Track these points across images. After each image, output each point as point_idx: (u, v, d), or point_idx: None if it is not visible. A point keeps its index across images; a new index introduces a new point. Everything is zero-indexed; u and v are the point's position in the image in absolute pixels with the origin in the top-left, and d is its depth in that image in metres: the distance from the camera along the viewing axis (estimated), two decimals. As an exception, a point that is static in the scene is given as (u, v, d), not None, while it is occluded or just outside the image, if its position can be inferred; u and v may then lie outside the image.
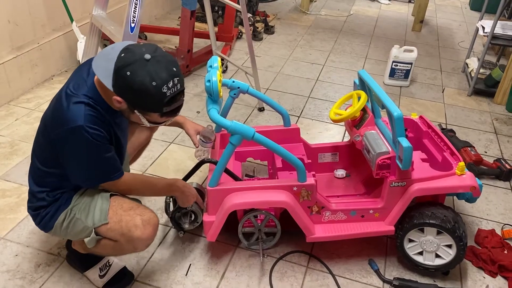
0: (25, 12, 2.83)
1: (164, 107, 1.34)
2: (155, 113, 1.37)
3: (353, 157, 2.16)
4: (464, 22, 4.98)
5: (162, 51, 1.34)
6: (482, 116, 3.07)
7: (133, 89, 1.29)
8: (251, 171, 2.28)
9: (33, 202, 1.56)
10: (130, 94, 1.31)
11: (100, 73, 1.34)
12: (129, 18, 2.22)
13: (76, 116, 1.34)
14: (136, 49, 1.30)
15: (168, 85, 1.30)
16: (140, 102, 1.34)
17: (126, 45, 1.34)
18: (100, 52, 1.40)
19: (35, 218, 1.56)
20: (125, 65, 1.28)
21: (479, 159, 2.43)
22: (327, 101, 3.13)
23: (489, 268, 1.85)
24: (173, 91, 1.32)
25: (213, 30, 3.17)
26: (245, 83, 1.97)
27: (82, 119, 1.33)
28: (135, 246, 1.50)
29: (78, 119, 1.33)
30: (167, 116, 1.40)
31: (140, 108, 1.37)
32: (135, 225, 1.45)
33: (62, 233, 1.55)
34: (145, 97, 1.31)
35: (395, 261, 1.87)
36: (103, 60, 1.35)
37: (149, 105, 1.34)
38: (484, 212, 2.18)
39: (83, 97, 1.37)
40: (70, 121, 1.34)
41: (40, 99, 2.88)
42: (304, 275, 1.80)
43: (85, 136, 1.34)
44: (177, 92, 1.35)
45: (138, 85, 1.28)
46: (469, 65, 3.59)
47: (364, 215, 1.79)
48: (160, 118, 1.39)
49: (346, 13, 5.00)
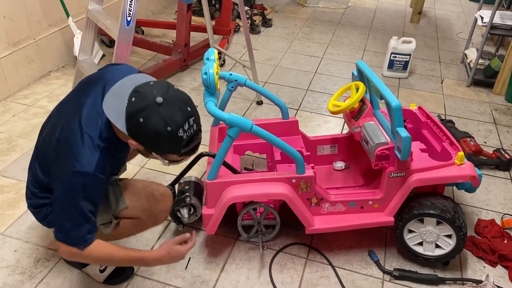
0: (20, 7, 2.81)
1: (182, 149, 1.29)
2: (173, 154, 1.32)
3: (352, 149, 2.15)
4: (463, 13, 4.96)
5: (174, 89, 1.29)
6: (481, 106, 3.06)
7: (148, 135, 1.25)
8: (250, 164, 2.28)
9: (33, 200, 1.53)
10: (145, 139, 1.27)
11: (112, 116, 1.28)
12: (125, 11, 2.20)
13: (89, 162, 1.28)
14: (147, 91, 1.24)
15: (184, 128, 1.25)
16: (157, 147, 1.30)
17: (136, 85, 1.27)
18: (110, 90, 1.33)
19: (37, 215, 1.55)
20: (137, 111, 1.22)
21: (479, 149, 2.42)
22: (326, 93, 3.12)
23: (489, 258, 1.85)
24: (189, 133, 1.27)
25: (210, 24, 3.15)
26: (242, 76, 1.95)
27: (94, 167, 1.28)
28: (157, 219, 1.58)
29: (89, 166, 1.28)
30: (186, 155, 1.34)
31: (157, 152, 1.32)
32: (156, 199, 1.54)
33: None
34: (161, 142, 1.27)
35: (395, 252, 1.87)
36: (114, 100, 1.30)
37: (166, 149, 1.30)
38: (484, 202, 2.18)
39: (98, 140, 1.31)
40: (82, 165, 1.28)
41: (37, 95, 2.86)
42: (304, 267, 1.80)
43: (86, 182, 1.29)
44: (194, 133, 1.29)
45: (153, 132, 1.23)
46: (468, 55, 3.57)
47: (363, 206, 1.78)
48: (179, 157, 1.34)
49: (344, 5, 4.98)
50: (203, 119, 1.97)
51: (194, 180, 1.89)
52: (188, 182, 1.87)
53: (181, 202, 1.78)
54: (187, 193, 1.78)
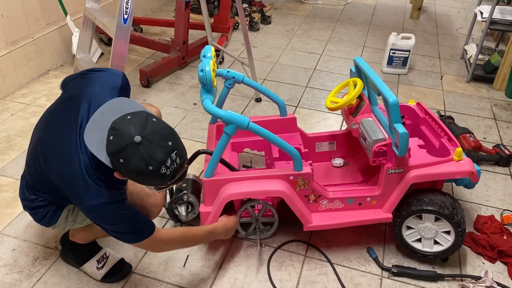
0: (18, 6, 2.81)
1: (167, 182, 1.26)
2: (159, 186, 1.31)
3: (351, 146, 2.15)
4: (463, 8, 4.94)
5: (153, 122, 1.22)
6: (481, 102, 3.04)
7: (131, 174, 1.23)
8: (249, 162, 2.27)
9: (28, 202, 1.51)
10: (129, 176, 1.25)
11: (95, 150, 1.23)
12: (121, 9, 2.20)
13: (99, 195, 1.30)
14: (124, 128, 1.19)
15: (166, 165, 1.20)
16: (142, 182, 1.28)
17: (115, 117, 1.23)
18: (90, 120, 1.29)
19: (34, 216, 1.54)
20: (116, 152, 1.19)
21: (478, 145, 2.41)
22: (325, 90, 3.11)
23: (488, 254, 1.85)
24: (172, 168, 1.22)
25: (208, 21, 3.14)
26: (240, 73, 1.95)
27: (105, 199, 1.31)
28: (150, 214, 1.57)
29: (101, 199, 1.30)
30: (173, 184, 1.31)
31: (143, 183, 1.30)
32: (147, 195, 1.54)
33: (68, 225, 1.55)
34: (145, 179, 1.24)
35: (393, 249, 1.87)
36: (94, 133, 1.25)
37: (152, 183, 1.28)
38: (483, 198, 2.17)
39: (97, 176, 1.30)
40: (94, 199, 1.30)
41: (36, 94, 2.86)
42: (302, 264, 1.79)
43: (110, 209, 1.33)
44: (178, 167, 1.24)
45: (135, 171, 1.20)
46: (468, 51, 3.55)
47: (361, 203, 1.78)
48: (167, 185, 1.30)
49: (344, 1, 4.96)
50: (201, 116, 1.96)
51: (192, 178, 1.89)
52: (186, 179, 1.87)
53: (179, 199, 1.78)
54: (185, 191, 1.78)
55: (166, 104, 2.82)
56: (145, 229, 1.41)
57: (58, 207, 1.49)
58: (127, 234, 1.39)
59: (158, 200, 1.63)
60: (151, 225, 1.43)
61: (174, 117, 2.70)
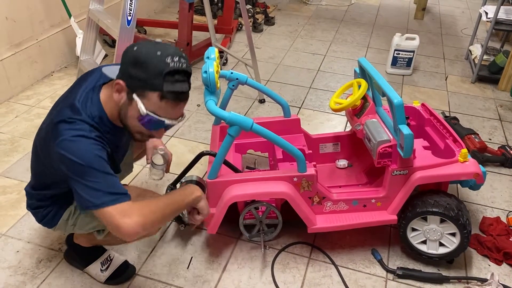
0: (22, 8, 2.82)
1: (165, 83, 1.22)
2: (154, 93, 1.23)
3: (355, 147, 2.14)
4: (467, 9, 4.92)
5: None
6: (486, 103, 3.03)
7: (137, 61, 1.22)
8: (252, 163, 2.26)
9: (31, 200, 1.53)
10: (133, 67, 1.23)
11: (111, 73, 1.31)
12: (125, 11, 2.19)
13: (83, 153, 1.23)
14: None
15: (173, 58, 1.23)
16: (141, 75, 1.22)
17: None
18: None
19: (36, 215, 1.55)
20: (133, 45, 1.26)
21: (483, 146, 2.40)
22: (329, 91, 3.10)
23: (494, 256, 1.83)
24: (177, 65, 1.23)
25: (212, 23, 3.14)
26: (243, 74, 1.94)
27: (90, 155, 1.23)
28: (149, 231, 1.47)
29: (85, 156, 1.23)
30: (167, 100, 1.25)
31: (139, 87, 1.24)
32: None
33: (68, 229, 1.54)
34: (146, 67, 1.22)
35: (398, 251, 1.85)
36: (114, 66, 1.35)
37: (150, 77, 1.22)
38: (489, 200, 2.15)
39: (86, 117, 1.27)
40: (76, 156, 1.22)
41: (40, 96, 2.87)
42: (307, 266, 1.78)
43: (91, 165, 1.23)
44: (181, 68, 1.24)
45: (143, 55, 1.22)
46: (473, 52, 3.54)
47: (366, 205, 1.77)
48: (159, 101, 1.24)
49: (347, 2, 4.95)
50: (205, 117, 1.96)
51: (196, 179, 1.88)
52: (189, 181, 1.86)
53: (183, 201, 1.77)
54: (188, 193, 1.77)
55: (169, 106, 2.82)
56: (121, 191, 1.26)
57: (59, 208, 1.50)
58: (100, 191, 1.22)
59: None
60: (127, 192, 1.27)
61: (178, 119, 2.69)
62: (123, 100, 1.29)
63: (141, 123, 1.30)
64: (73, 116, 1.26)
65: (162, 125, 1.31)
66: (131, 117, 1.30)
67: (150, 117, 1.27)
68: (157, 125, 1.30)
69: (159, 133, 1.37)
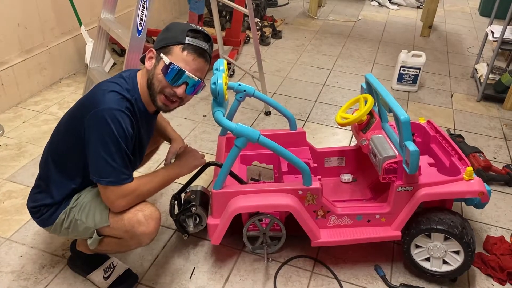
0: (34, 15, 2.86)
1: (187, 37, 1.43)
2: (177, 46, 1.44)
3: (360, 162, 2.14)
4: (474, 27, 4.95)
5: None
6: (491, 121, 3.03)
7: (166, 28, 1.51)
8: (257, 175, 2.27)
9: (31, 198, 1.58)
10: (162, 33, 1.50)
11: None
12: (136, 21, 2.22)
13: (121, 127, 1.40)
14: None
15: (196, 27, 1.48)
16: (168, 35, 1.47)
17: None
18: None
19: (34, 214, 1.57)
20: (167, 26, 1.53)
21: (488, 165, 2.40)
22: (334, 105, 3.12)
23: (498, 276, 1.82)
24: (199, 29, 1.48)
25: (221, 35, 3.18)
26: (251, 87, 1.96)
27: (126, 132, 1.41)
28: (140, 241, 1.51)
29: (120, 131, 1.40)
30: (188, 51, 1.44)
31: (165, 45, 1.45)
32: (138, 221, 1.46)
33: (63, 232, 1.56)
34: (173, 28, 1.48)
35: (401, 267, 1.85)
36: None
37: (175, 35, 1.45)
38: (493, 219, 2.15)
39: (130, 96, 1.47)
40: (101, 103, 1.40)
41: (48, 102, 2.90)
42: (309, 280, 1.78)
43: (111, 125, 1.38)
44: (203, 32, 1.48)
45: (172, 24, 1.51)
46: (478, 70, 3.55)
47: (370, 220, 1.77)
48: (181, 53, 1.44)
49: (354, 18, 4.99)
50: (210, 128, 1.97)
51: (201, 190, 1.89)
52: (194, 191, 1.88)
53: (187, 211, 1.78)
54: (193, 203, 1.78)
55: (176, 115, 2.84)
56: (128, 174, 1.44)
57: (56, 209, 1.53)
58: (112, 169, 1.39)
59: (150, 228, 1.48)
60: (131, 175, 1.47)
61: (184, 129, 2.71)
62: (153, 63, 1.48)
63: (164, 75, 1.45)
64: (121, 92, 1.45)
65: (183, 75, 1.45)
66: (156, 74, 1.47)
67: (172, 66, 1.43)
68: (178, 76, 1.45)
69: (180, 89, 1.48)
